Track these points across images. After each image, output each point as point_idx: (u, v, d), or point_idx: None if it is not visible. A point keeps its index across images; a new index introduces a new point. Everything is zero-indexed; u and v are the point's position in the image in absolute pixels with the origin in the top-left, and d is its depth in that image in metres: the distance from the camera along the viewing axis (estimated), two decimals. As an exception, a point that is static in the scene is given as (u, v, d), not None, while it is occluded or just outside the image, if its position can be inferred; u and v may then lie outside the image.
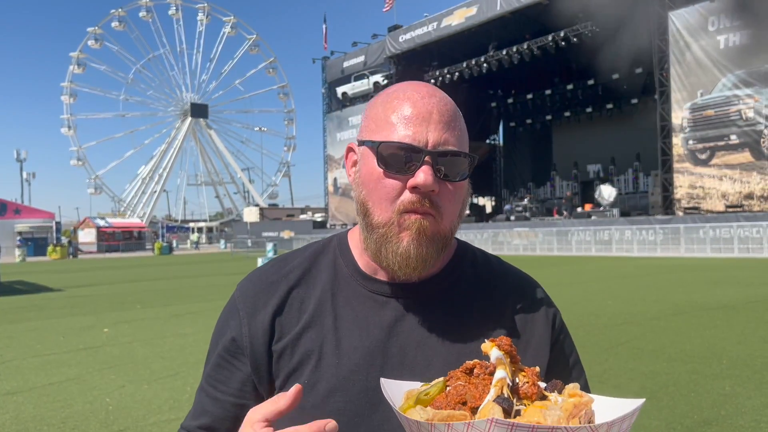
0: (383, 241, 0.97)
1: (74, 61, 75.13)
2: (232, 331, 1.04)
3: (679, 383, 5.60)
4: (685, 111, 26.46)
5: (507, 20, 31.56)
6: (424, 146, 0.94)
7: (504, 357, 0.78)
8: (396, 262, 0.97)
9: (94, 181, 78.07)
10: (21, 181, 66.48)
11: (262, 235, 46.08)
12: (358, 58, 41.45)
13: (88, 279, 21.80)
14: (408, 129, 0.94)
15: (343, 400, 0.97)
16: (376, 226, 0.97)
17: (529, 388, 0.76)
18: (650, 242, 25.73)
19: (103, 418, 5.03)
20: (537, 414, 0.70)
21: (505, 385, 0.74)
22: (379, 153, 0.95)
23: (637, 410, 0.71)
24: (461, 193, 1.00)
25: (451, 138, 0.96)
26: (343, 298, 1.04)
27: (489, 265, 1.14)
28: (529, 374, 0.79)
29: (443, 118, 0.96)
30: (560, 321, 1.13)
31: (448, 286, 1.06)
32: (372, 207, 0.98)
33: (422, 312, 1.02)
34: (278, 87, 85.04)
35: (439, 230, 0.97)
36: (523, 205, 34.96)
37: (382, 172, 0.95)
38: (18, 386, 6.18)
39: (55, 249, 44.72)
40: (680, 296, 11.67)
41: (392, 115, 0.97)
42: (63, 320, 10.95)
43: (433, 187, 0.93)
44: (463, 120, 1.02)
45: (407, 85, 1.01)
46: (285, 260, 1.12)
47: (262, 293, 1.06)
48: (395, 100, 0.98)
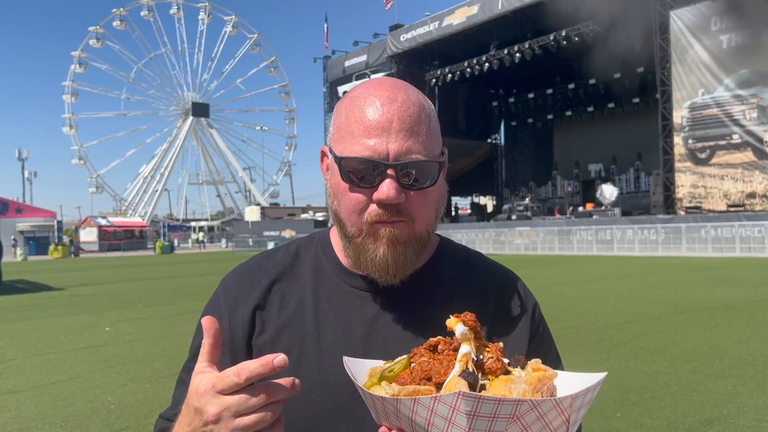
0: (360, 250, 0.98)
1: (76, 60, 75.15)
2: (220, 323, 1.05)
3: (680, 382, 5.59)
4: (684, 110, 26.44)
5: (508, 19, 31.53)
6: (384, 159, 0.92)
7: (468, 332, 0.79)
8: (375, 271, 0.98)
9: (96, 180, 78.10)
10: (23, 180, 66.61)
11: (264, 235, 46.09)
12: (360, 57, 41.44)
13: (90, 278, 21.82)
14: (368, 140, 0.93)
15: (325, 394, 0.97)
16: (351, 236, 0.98)
17: (493, 363, 0.77)
18: (652, 242, 25.71)
19: (104, 416, 5.03)
20: (502, 388, 0.70)
21: (470, 360, 0.75)
22: (342, 167, 0.95)
23: (599, 383, 0.72)
24: (434, 195, 0.99)
25: (414, 145, 0.93)
26: (324, 293, 1.05)
27: (470, 260, 1.15)
28: (493, 350, 0.79)
29: (404, 126, 0.93)
30: (539, 314, 1.13)
31: (430, 281, 1.07)
32: (344, 218, 0.98)
33: (404, 307, 1.03)
34: (279, 86, 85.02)
35: (413, 234, 0.97)
36: (525, 205, 34.96)
37: (347, 186, 0.95)
38: (20, 385, 6.19)
39: (56, 248, 44.74)
40: (682, 296, 11.66)
41: (353, 124, 0.95)
42: (64, 319, 10.95)
43: (397, 200, 0.92)
44: (432, 118, 0.99)
45: (370, 88, 0.98)
46: (268, 256, 1.13)
47: (243, 288, 1.07)
48: (356, 108, 0.96)
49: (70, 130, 75.47)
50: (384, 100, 0.95)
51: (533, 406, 0.66)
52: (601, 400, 5.13)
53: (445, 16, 34.67)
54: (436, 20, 35.25)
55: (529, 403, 0.66)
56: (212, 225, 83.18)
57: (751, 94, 24.55)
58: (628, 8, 26.67)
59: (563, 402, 0.68)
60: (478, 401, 0.64)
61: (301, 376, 0.97)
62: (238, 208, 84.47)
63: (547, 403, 0.67)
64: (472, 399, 0.64)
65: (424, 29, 35.89)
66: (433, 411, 0.67)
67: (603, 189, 32.18)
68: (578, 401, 0.70)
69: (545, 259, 25.01)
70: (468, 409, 0.65)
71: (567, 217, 31.83)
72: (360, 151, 0.93)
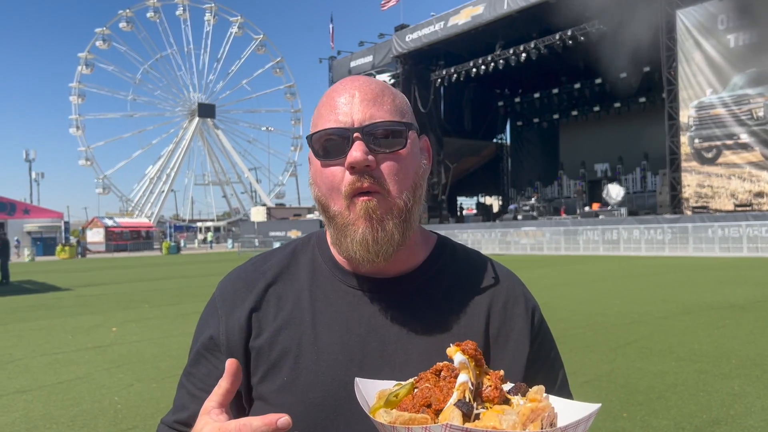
0: (342, 231, 0.97)
1: (82, 61, 75.53)
2: (211, 329, 1.05)
3: (687, 383, 5.57)
4: (691, 109, 26.33)
5: (514, 19, 31.46)
6: (350, 126, 0.95)
7: (468, 361, 0.80)
8: (357, 251, 0.96)
9: (103, 180, 78.46)
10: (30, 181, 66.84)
11: (270, 235, 46.16)
12: (365, 57, 41.45)
13: (97, 278, 21.91)
14: (333, 115, 0.96)
15: (323, 395, 0.97)
16: (333, 217, 0.98)
17: (491, 392, 0.78)
18: (658, 241, 25.63)
19: (111, 416, 5.06)
20: (494, 419, 0.71)
21: (467, 389, 0.75)
22: (313, 146, 0.98)
23: (592, 415, 0.73)
24: (408, 163, 0.98)
25: (378, 112, 0.96)
26: (321, 293, 1.04)
27: (468, 259, 1.13)
28: (492, 378, 0.80)
29: (367, 96, 0.97)
30: (540, 316, 1.12)
31: (428, 280, 1.06)
32: (325, 200, 0.99)
33: (401, 306, 1.02)
34: (285, 87, 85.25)
35: (390, 206, 0.96)
36: (531, 205, 34.89)
37: (320, 163, 0.98)
38: (27, 385, 6.22)
39: (63, 249, 44.93)
40: (688, 296, 11.62)
41: (321, 108, 1.00)
42: (71, 319, 11.00)
43: (366, 161, 0.93)
44: (398, 97, 1.01)
45: (339, 81, 1.03)
46: (264, 258, 1.13)
47: (240, 291, 1.07)
48: (324, 98, 1.01)
49: (77, 131, 75.84)
50: (347, 83, 1.00)
51: None
52: (608, 400, 5.12)
53: (451, 16, 34.63)
54: (442, 20, 35.21)
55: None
56: (218, 225, 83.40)
57: (759, 93, 24.43)
58: (634, 7, 26.59)
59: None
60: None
61: (299, 377, 0.98)
62: (244, 208, 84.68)
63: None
64: (459, 431, 0.66)
65: (430, 29, 35.87)
66: None
67: (609, 189, 32.10)
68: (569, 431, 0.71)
69: (551, 259, 24.96)
70: None
71: (574, 217, 31.75)
72: (326, 124, 0.97)
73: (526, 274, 18.34)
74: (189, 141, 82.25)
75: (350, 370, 0.96)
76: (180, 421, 1.04)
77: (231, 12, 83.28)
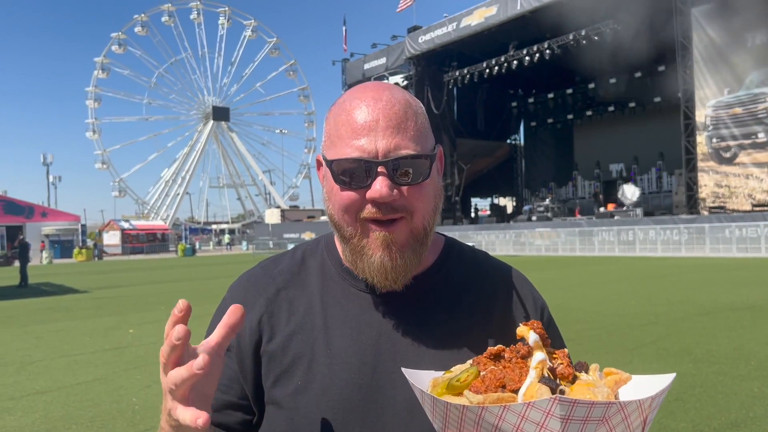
0: (356, 254, 0.98)
1: (98, 66, 76.23)
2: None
3: (705, 385, 5.52)
4: (708, 109, 26.06)
5: (527, 19, 31.33)
6: (374, 157, 0.92)
7: (540, 340, 0.80)
8: (373, 277, 0.97)
9: (119, 184, 79.12)
10: (47, 184, 67.66)
11: (284, 237, 46.34)
12: (378, 60, 41.49)
13: (113, 281, 22.10)
14: (357, 141, 0.93)
15: (337, 399, 0.97)
16: (347, 239, 0.98)
17: (564, 369, 0.78)
18: (674, 242, 25.39)
19: (129, 417, 5.10)
20: (587, 392, 0.72)
21: (545, 366, 0.76)
22: (333, 171, 0.95)
23: (669, 385, 0.75)
24: (429, 189, 0.98)
25: (402, 141, 0.93)
26: (332, 298, 1.05)
27: (476, 259, 1.14)
28: (560, 356, 0.81)
29: (391, 123, 0.94)
30: (548, 314, 1.13)
31: (438, 282, 1.07)
32: (339, 221, 0.98)
33: (412, 308, 1.03)
34: (298, 89, 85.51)
35: (411, 232, 0.96)
36: (545, 206, 34.71)
37: (339, 188, 0.96)
38: (47, 386, 6.30)
39: (80, 251, 45.40)
40: (706, 296, 11.50)
41: (341, 128, 0.96)
42: (89, 321, 11.11)
43: (391, 198, 0.92)
44: (420, 115, 0.99)
45: (355, 93, 0.99)
46: (274, 262, 1.13)
47: (250, 295, 1.07)
48: (343, 113, 0.97)
49: (94, 134, 76.53)
50: (369, 100, 0.96)
51: (621, 407, 0.68)
52: (624, 402, 5.08)
53: (464, 17, 34.57)
54: (454, 21, 35.16)
55: (618, 405, 0.67)
56: (233, 228, 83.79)
57: (776, 92, 24.14)
58: (648, 6, 26.38)
59: (644, 403, 0.70)
60: (574, 405, 0.66)
61: (313, 382, 0.98)
62: (258, 210, 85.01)
63: (632, 404, 0.69)
64: (568, 403, 0.66)
65: (443, 30, 35.82)
66: (525, 417, 0.68)
67: (624, 189, 31.85)
68: (656, 401, 0.72)
69: (566, 261, 24.81)
70: (563, 413, 0.66)
71: (588, 217, 31.54)
72: (350, 152, 0.93)
73: (540, 276, 18.36)
74: (204, 144, 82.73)
75: (363, 373, 0.97)
76: None
77: (244, 15, 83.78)
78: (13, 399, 5.81)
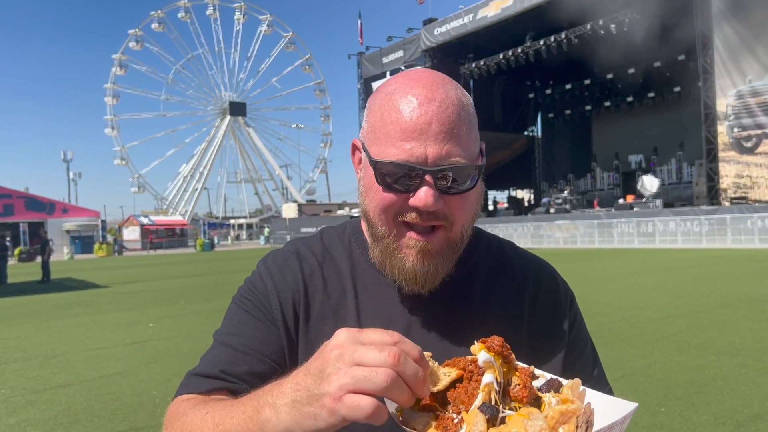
0: (387, 254, 0.96)
1: (116, 62, 76.91)
2: (264, 299, 1.03)
3: (727, 377, 5.45)
4: (729, 98, 25.65)
5: (544, 10, 31.02)
6: (422, 164, 0.88)
7: (494, 359, 0.74)
8: (402, 279, 0.96)
9: (137, 179, 79.91)
10: (68, 180, 68.41)
11: (301, 231, 46.48)
12: (395, 53, 41.37)
13: (133, 275, 22.34)
14: (405, 144, 0.89)
15: None
16: (380, 237, 0.96)
17: (520, 391, 0.73)
18: (695, 233, 25.08)
19: (150, 410, 5.16)
20: (519, 424, 0.67)
21: (492, 390, 0.71)
22: (378, 170, 0.91)
23: (628, 416, 0.70)
24: (472, 198, 0.96)
25: (453, 148, 0.90)
26: (362, 285, 1.04)
27: (503, 250, 1.13)
28: (522, 375, 0.75)
29: (444, 128, 0.89)
30: (576, 306, 1.12)
31: (466, 273, 1.06)
32: (374, 219, 0.95)
33: (440, 301, 1.02)
34: (314, 84, 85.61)
35: (448, 240, 0.95)
36: (564, 198, 34.46)
37: (381, 188, 0.92)
38: (69, 379, 6.38)
39: (101, 247, 45.95)
40: (727, 288, 11.36)
41: (389, 125, 0.91)
42: (110, 315, 11.25)
43: (435, 207, 0.90)
44: (471, 115, 0.95)
45: (406, 85, 0.93)
46: (306, 245, 1.11)
47: (288, 273, 1.05)
48: (392, 108, 0.92)
49: (112, 131, 77.32)
50: (422, 99, 0.90)
51: None
52: (645, 394, 5.04)
53: (480, 8, 34.34)
54: (471, 13, 34.94)
55: None
56: (250, 222, 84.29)
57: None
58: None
59: None
60: None
61: None
62: (275, 205, 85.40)
63: None
64: None
65: (459, 22, 35.62)
66: None
67: (644, 180, 31.50)
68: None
69: (586, 253, 24.63)
70: None
71: (608, 209, 31.27)
72: (396, 154, 0.89)
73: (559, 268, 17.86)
74: (221, 139, 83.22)
75: None
76: (249, 372, 0.98)
77: (260, 10, 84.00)
78: (37, 392, 5.90)
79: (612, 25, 28.76)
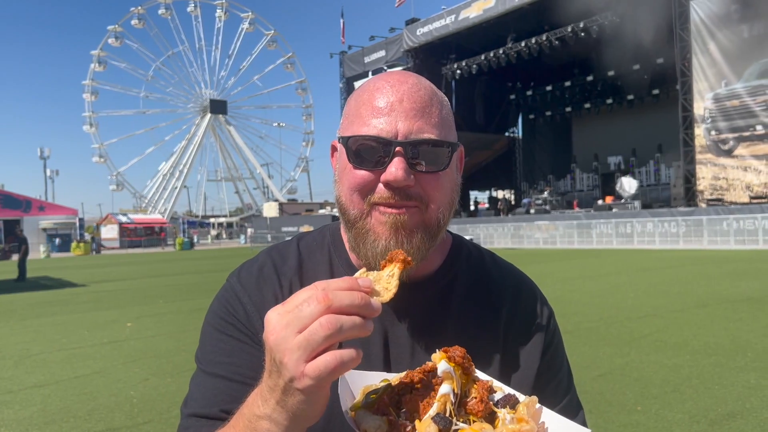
0: (361, 238, 0.92)
1: (95, 59, 75.96)
2: (241, 319, 0.98)
3: (702, 376, 5.54)
4: (707, 101, 26.04)
5: (525, 11, 31.25)
6: (393, 137, 0.88)
7: (454, 370, 0.73)
8: (376, 262, 0.90)
9: (116, 177, 79.04)
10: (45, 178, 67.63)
11: (282, 230, 46.27)
12: (376, 52, 41.37)
13: (111, 274, 22.10)
14: (377, 120, 0.89)
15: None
16: (353, 221, 0.93)
17: (475, 405, 0.72)
18: (672, 234, 25.42)
19: (128, 410, 5.11)
20: None
21: (448, 401, 0.71)
22: (349, 147, 0.91)
23: None
24: (446, 181, 0.93)
25: (425, 125, 0.89)
26: None
27: (483, 263, 1.10)
28: (479, 389, 0.75)
29: (415, 105, 0.89)
30: (554, 323, 1.09)
31: (445, 286, 1.04)
32: (346, 202, 0.93)
33: (417, 314, 1.00)
34: (296, 82, 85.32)
35: (424, 221, 0.91)
36: (544, 198, 34.73)
37: (352, 167, 0.91)
38: (45, 379, 6.30)
39: (78, 245, 45.40)
40: (703, 289, 11.53)
41: (362, 107, 0.92)
42: (87, 315, 11.11)
43: (405, 181, 0.87)
44: (445, 106, 0.95)
45: (380, 76, 0.95)
46: (281, 255, 1.06)
47: (263, 288, 1.01)
48: (365, 93, 0.93)
49: (91, 128, 76.37)
50: (393, 82, 0.92)
51: None
52: (622, 393, 5.10)
53: (462, 9, 34.47)
54: (453, 14, 35.06)
55: None
56: (231, 221, 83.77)
57: (775, 84, 24.11)
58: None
59: None
60: None
61: None
62: (256, 204, 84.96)
63: None
64: None
65: (441, 23, 35.72)
66: None
67: (623, 182, 31.84)
68: None
69: (565, 253, 24.85)
70: None
71: (587, 210, 31.56)
72: (367, 130, 0.89)
73: (539, 268, 18.40)
74: (201, 137, 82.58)
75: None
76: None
77: (242, 8, 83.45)
78: (11, 392, 5.82)
79: (593, 28, 29.06)
